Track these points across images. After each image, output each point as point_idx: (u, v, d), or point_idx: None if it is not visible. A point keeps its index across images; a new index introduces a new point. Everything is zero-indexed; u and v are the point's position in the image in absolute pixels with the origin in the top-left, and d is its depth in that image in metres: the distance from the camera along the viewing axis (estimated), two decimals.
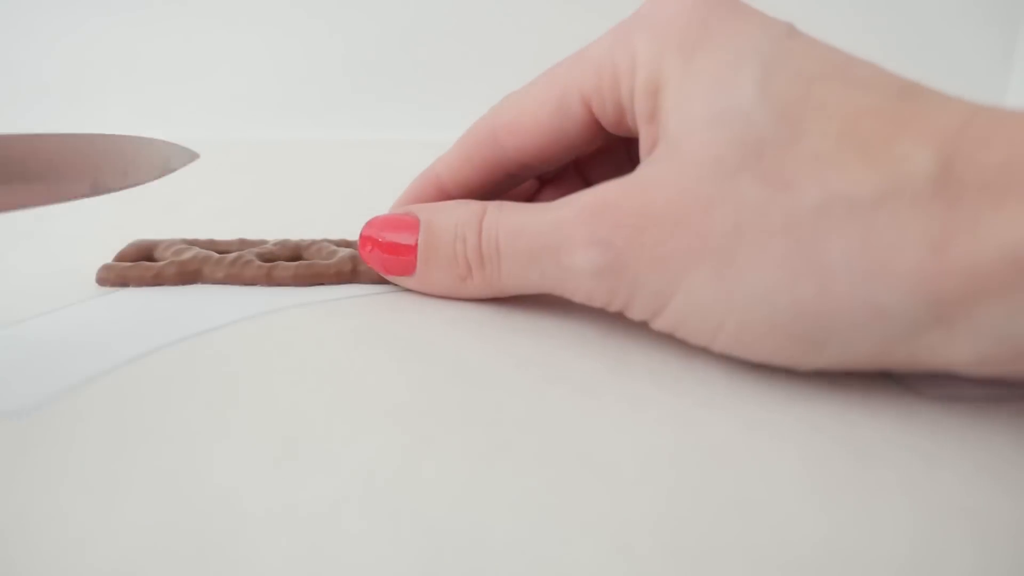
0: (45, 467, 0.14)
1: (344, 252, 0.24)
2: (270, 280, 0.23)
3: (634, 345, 0.19)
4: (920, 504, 0.13)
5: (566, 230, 0.18)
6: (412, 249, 0.21)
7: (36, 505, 0.13)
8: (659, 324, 0.18)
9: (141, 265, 0.24)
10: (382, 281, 0.23)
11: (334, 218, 0.33)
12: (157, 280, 0.24)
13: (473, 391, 0.17)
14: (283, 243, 0.25)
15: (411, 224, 0.21)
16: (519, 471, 0.14)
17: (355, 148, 0.54)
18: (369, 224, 0.22)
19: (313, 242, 0.25)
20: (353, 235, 0.24)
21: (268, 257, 0.25)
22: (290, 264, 0.24)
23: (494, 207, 0.20)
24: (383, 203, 0.24)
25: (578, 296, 0.19)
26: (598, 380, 0.17)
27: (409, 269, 0.22)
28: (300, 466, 0.14)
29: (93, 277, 0.24)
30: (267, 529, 0.13)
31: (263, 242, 0.26)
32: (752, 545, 0.12)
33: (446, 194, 0.23)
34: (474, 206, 0.20)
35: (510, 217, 0.19)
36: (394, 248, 0.22)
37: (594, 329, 0.20)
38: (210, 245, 0.26)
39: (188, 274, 0.24)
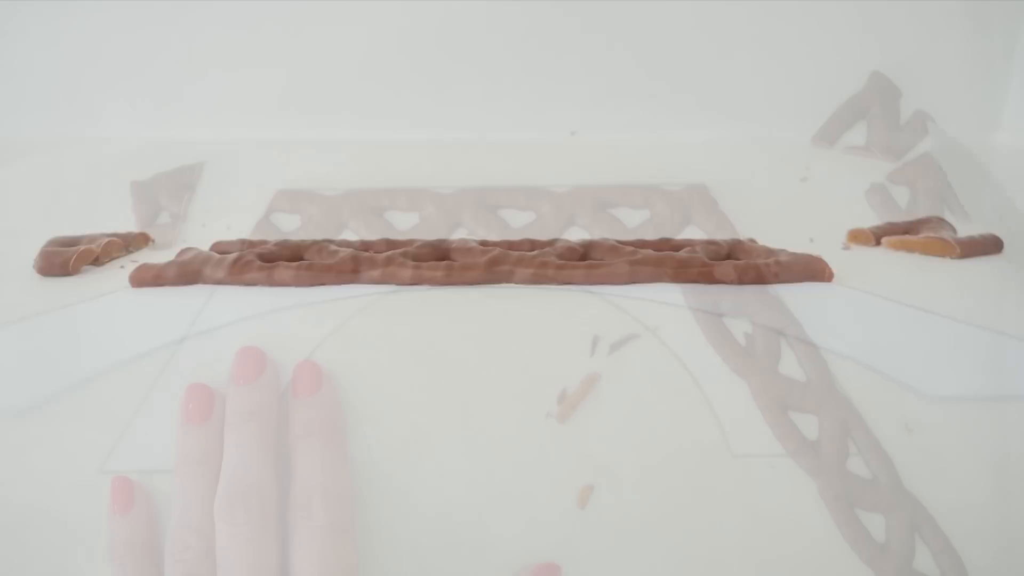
0: (46, 466, 0.14)
1: (344, 252, 0.24)
2: (270, 280, 0.23)
3: (634, 345, 0.19)
4: (922, 503, 0.13)
5: None
6: None
7: (37, 503, 0.13)
8: None
9: (142, 265, 0.24)
10: (382, 281, 0.23)
11: (333, 218, 0.33)
12: (157, 280, 0.24)
13: (473, 391, 0.17)
14: (283, 243, 0.25)
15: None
16: (519, 470, 0.14)
17: (355, 148, 0.54)
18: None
19: (313, 242, 0.25)
20: (354, 235, 0.24)
21: (268, 257, 0.25)
22: (290, 264, 0.24)
23: None
24: (382, 203, 0.24)
25: None
26: (597, 379, 0.17)
27: None
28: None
29: None
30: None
31: (264, 242, 0.26)
32: (753, 545, 0.12)
33: None
34: None
35: None
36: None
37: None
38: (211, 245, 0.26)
39: (188, 274, 0.24)
